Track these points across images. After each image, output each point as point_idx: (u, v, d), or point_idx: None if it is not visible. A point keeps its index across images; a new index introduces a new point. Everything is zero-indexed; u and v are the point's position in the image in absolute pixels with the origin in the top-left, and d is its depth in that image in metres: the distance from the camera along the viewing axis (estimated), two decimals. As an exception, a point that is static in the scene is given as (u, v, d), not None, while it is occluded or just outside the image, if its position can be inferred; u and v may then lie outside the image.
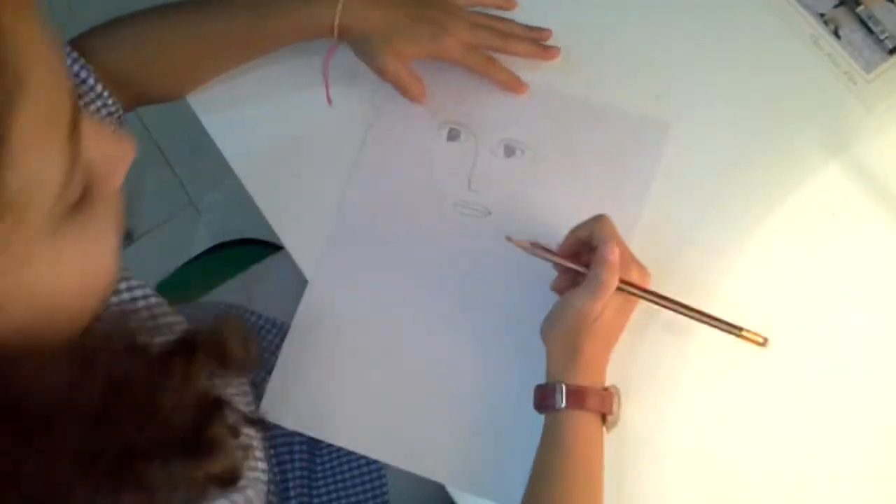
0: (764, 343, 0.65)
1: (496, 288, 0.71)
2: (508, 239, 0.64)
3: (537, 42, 0.75)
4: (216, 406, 0.48)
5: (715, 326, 0.65)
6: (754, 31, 0.76)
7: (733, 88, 0.75)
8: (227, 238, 1.13)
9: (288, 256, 0.74)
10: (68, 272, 0.38)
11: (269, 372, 0.72)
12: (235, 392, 0.60)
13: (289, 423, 0.69)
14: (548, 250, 0.65)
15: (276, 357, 0.74)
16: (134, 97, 0.73)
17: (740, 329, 0.65)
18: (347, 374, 0.70)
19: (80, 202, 0.37)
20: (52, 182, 0.34)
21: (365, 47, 0.72)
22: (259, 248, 0.97)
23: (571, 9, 0.78)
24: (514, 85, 0.74)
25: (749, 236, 0.71)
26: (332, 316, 0.71)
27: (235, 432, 0.50)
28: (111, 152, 0.39)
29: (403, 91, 0.73)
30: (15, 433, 0.37)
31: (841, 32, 0.76)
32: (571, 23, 0.77)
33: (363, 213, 0.73)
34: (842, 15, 0.76)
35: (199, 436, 0.45)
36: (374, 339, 0.71)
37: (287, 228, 0.74)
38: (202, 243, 1.19)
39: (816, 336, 0.69)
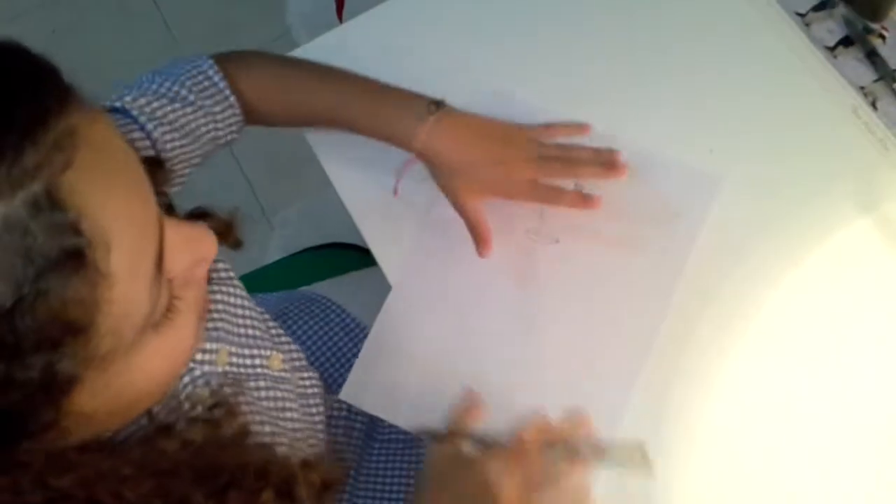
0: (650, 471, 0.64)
1: (559, 310, 0.80)
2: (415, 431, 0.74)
3: (606, 162, 0.78)
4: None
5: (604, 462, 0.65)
6: (800, 98, 0.86)
7: (776, 146, 0.84)
8: (297, 249, 1.24)
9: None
10: (153, 370, 0.43)
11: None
12: None
13: (367, 407, 0.79)
14: (439, 433, 0.71)
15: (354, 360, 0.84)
16: (250, 117, 0.80)
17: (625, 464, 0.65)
18: (418, 372, 0.79)
19: (164, 313, 0.42)
20: (141, 315, 0.39)
21: (440, 179, 0.77)
22: (358, 254, 1.07)
23: (632, 61, 0.88)
24: (583, 204, 0.77)
25: (781, 283, 0.79)
26: (410, 319, 0.81)
27: None
28: (194, 256, 0.44)
29: (474, 232, 0.77)
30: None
31: (878, 104, 0.85)
32: (633, 72, 0.87)
33: (443, 232, 0.83)
34: (879, 89, 0.86)
35: None
36: (444, 344, 0.80)
37: (376, 239, 0.84)
38: (275, 255, 1.30)
39: (842, 383, 0.76)
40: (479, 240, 0.77)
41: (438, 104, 0.76)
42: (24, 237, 0.32)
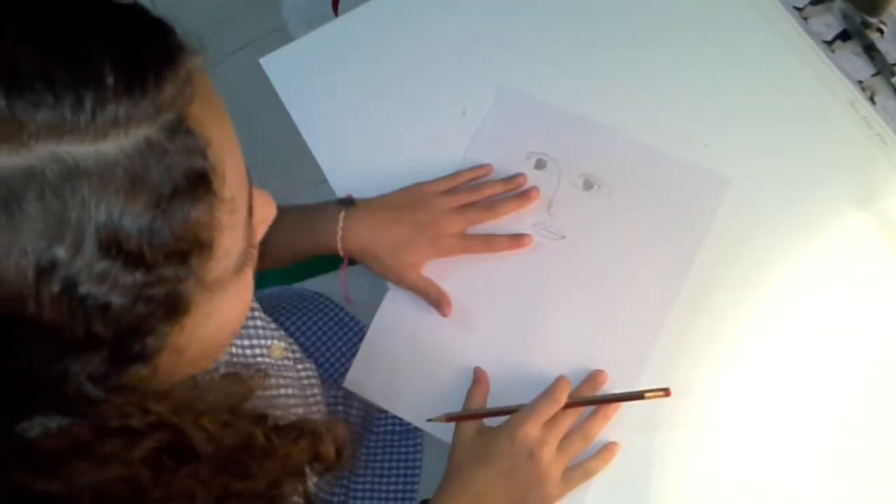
0: (667, 394, 0.71)
1: (564, 304, 0.79)
2: (429, 420, 0.75)
3: (518, 193, 0.81)
4: (298, 474, 0.53)
5: (621, 400, 0.73)
6: (797, 91, 0.85)
7: (773, 141, 0.83)
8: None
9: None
10: (230, 316, 0.46)
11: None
12: None
13: (369, 396, 0.79)
14: (463, 415, 0.74)
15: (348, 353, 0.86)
16: None
17: (643, 394, 0.71)
18: (421, 363, 0.79)
19: (244, 260, 0.45)
20: (235, 258, 0.43)
21: (377, 266, 0.79)
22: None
23: (628, 54, 0.88)
24: (516, 245, 0.79)
25: (778, 277, 0.79)
26: (413, 310, 0.80)
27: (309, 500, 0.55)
28: (262, 215, 0.47)
29: (430, 300, 0.79)
30: (173, 460, 0.43)
31: (876, 99, 0.85)
32: (629, 65, 0.87)
33: None
34: (878, 83, 0.85)
35: (277, 489, 0.50)
36: (447, 336, 0.79)
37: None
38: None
39: (839, 376, 0.76)
40: (437, 305, 0.79)
41: (344, 202, 0.80)
42: (164, 157, 0.36)
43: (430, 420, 0.75)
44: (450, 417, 0.74)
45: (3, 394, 0.38)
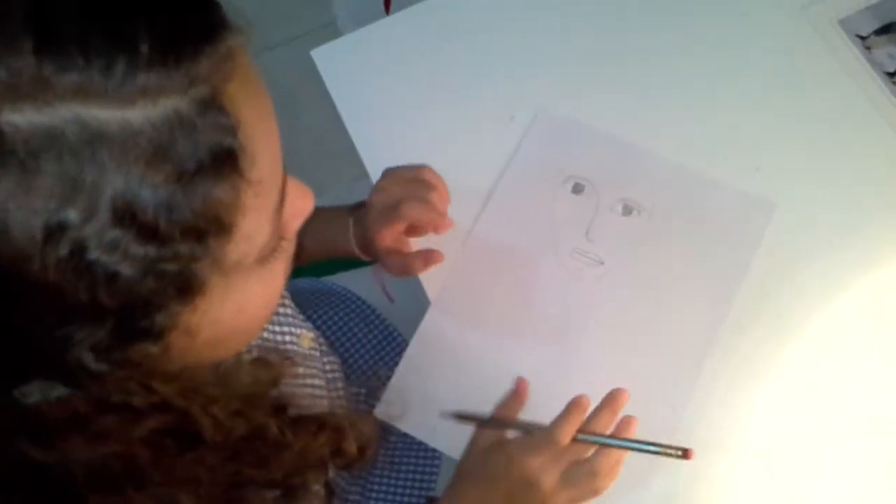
0: (687, 456, 0.63)
1: (604, 332, 0.77)
2: (441, 414, 0.72)
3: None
4: (321, 465, 0.52)
5: (633, 449, 0.66)
6: (855, 123, 0.84)
7: (826, 170, 0.82)
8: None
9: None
10: (251, 306, 0.45)
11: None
12: None
13: (401, 424, 0.76)
14: (474, 417, 0.71)
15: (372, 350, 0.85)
16: None
17: (658, 449, 0.65)
18: (455, 392, 0.75)
19: (271, 251, 0.44)
20: (260, 245, 0.42)
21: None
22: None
23: (673, 77, 0.87)
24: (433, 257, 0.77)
25: (824, 309, 0.77)
26: (448, 338, 0.78)
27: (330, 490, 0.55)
28: (298, 207, 0.46)
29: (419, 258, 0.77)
30: (177, 444, 0.43)
31: (936, 135, 0.82)
32: (673, 89, 0.86)
33: (487, 247, 0.80)
34: (939, 120, 0.83)
35: (295, 479, 0.50)
36: (481, 364, 0.77)
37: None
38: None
39: (886, 417, 0.74)
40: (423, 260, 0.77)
41: (355, 207, 0.79)
42: (192, 131, 0.35)
43: (442, 414, 0.72)
44: (460, 416, 0.71)
45: (1, 352, 0.37)
